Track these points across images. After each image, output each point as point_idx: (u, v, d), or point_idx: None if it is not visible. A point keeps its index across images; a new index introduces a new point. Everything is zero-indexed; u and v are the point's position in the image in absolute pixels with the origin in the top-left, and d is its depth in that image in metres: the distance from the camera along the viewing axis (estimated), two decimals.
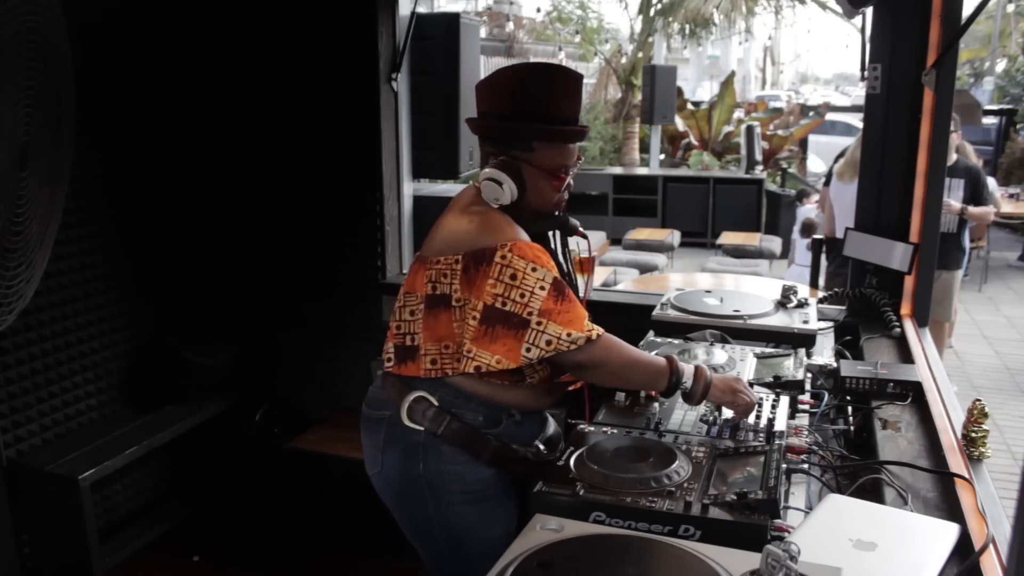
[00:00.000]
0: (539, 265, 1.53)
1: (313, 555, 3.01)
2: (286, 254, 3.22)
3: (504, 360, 1.51)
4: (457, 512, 1.64)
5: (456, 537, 1.66)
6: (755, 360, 1.96)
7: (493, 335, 1.51)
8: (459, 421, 1.61)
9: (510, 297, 1.51)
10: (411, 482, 1.64)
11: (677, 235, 8.31)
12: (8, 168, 1.97)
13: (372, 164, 3.01)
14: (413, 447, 1.62)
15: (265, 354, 3.33)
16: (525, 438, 1.68)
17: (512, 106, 1.63)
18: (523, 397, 1.66)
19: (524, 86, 1.65)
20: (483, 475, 1.64)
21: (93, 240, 2.82)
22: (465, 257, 1.56)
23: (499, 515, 1.66)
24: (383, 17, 2.91)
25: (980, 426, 1.58)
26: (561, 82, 1.65)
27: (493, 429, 1.64)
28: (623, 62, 13.51)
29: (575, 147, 1.69)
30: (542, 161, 1.63)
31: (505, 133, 1.64)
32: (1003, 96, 15.94)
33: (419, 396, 1.61)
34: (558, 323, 1.50)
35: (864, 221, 2.52)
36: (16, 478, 2.55)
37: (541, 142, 1.63)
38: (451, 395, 1.62)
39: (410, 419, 1.61)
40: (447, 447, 1.61)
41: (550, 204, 1.69)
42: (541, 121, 1.62)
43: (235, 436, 3.21)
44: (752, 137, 9.78)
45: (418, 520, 1.68)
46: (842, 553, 1.19)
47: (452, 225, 1.64)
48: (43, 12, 1.97)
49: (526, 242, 1.57)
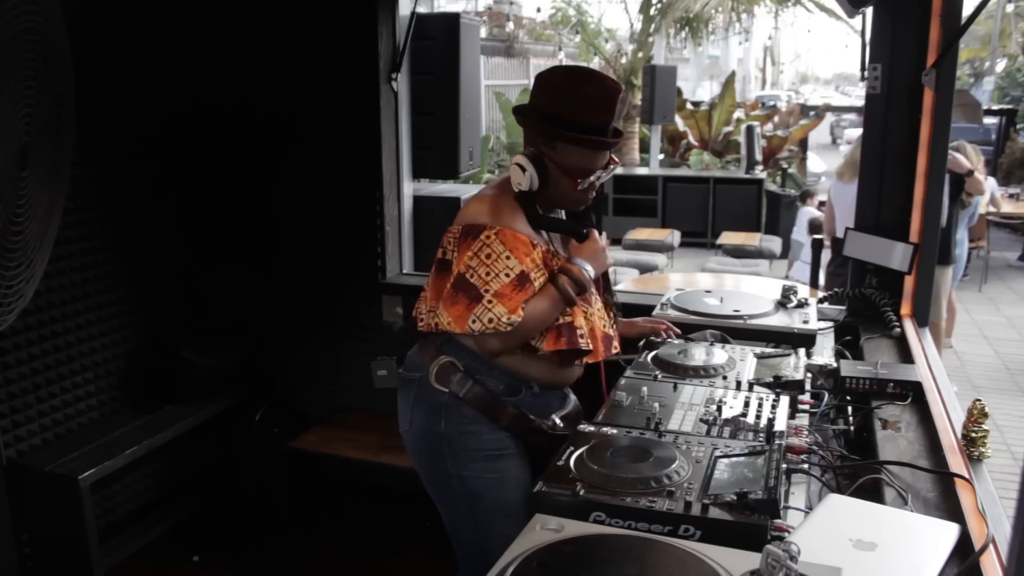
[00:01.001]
0: (513, 255, 1.66)
1: (313, 555, 3.01)
2: (286, 254, 3.22)
3: (453, 324, 1.65)
4: (473, 469, 1.76)
5: (472, 493, 1.78)
6: (755, 360, 1.96)
7: (455, 299, 1.65)
8: (481, 386, 1.75)
9: (478, 272, 1.64)
10: (434, 439, 1.78)
11: (677, 235, 8.31)
12: (8, 168, 1.97)
13: (372, 164, 3.01)
14: (437, 407, 1.77)
15: (265, 354, 3.33)
16: (542, 410, 1.81)
17: (546, 104, 1.74)
18: (542, 370, 1.79)
19: (557, 88, 1.74)
20: (499, 436, 1.77)
21: (93, 240, 2.82)
22: (463, 228, 1.72)
23: (513, 477, 1.77)
24: (383, 17, 2.91)
25: (980, 426, 1.58)
26: (592, 90, 1.73)
27: (512, 397, 1.77)
28: (623, 62, 13.51)
29: (601, 154, 1.76)
30: (563, 161, 1.73)
31: (536, 127, 1.76)
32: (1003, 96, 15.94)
33: (447, 361, 1.76)
34: (505, 307, 1.62)
35: (864, 221, 2.52)
36: (16, 478, 2.55)
37: (564, 143, 1.72)
38: (476, 362, 1.76)
39: (437, 381, 1.76)
40: (468, 409, 1.75)
41: (569, 202, 1.80)
42: (564, 125, 1.71)
43: (235, 436, 3.21)
44: (752, 137, 9.78)
45: (439, 476, 1.81)
46: (842, 553, 1.19)
47: (472, 200, 1.80)
48: (43, 12, 1.97)
49: (513, 231, 1.68)
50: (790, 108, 14.30)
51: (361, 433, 3.06)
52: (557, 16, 14.86)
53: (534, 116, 1.76)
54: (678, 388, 1.78)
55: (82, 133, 2.32)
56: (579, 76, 1.76)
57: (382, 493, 3.14)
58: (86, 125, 2.41)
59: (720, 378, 1.85)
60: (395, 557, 2.94)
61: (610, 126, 1.75)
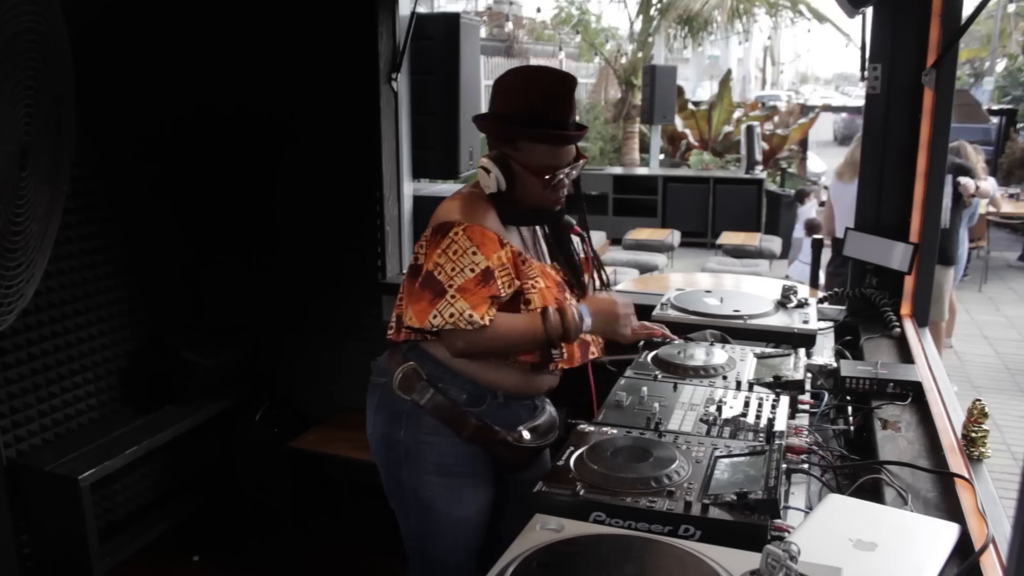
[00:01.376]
0: (479, 251, 1.62)
1: (313, 555, 3.01)
2: (286, 254, 3.22)
3: (414, 319, 1.62)
4: (428, 482, 1.74)
5: (424, 505, 1.76)
6: (755, 360, 1.96)
7: (420, 296, 1.62)
8: (443, 396, 1.71)
9: (444, 268, 1.61)
10: (392, 446, 1.76)
11: (677, 235, 8.31)
12: (8, 168, 1.96)
13: (372, 164, 3.01)
14: (398, 414, 1.74)
15: (265, 354, 3.33)
16: (509, 421, 1.76)
17: (504, 107, 1.72)
18: (508, 379, 1.74)
19: (513, 89, 1.72)
20: (459, 452, 1.73)
21: (93, 240, 2.82)
22: (433, 229, 1.68)
23: (468, 495, 1.74)
24: (383, 17, 2.91)
25: (980, 426, 1.58)
26: (546, 85, 1.70)
27: (476, 408, 1.72)
28: (623, 62, 13.51)
29: (565, 150, 1.72)
30: (528, 160, 1.70)
31: (496, 131, 1.74)
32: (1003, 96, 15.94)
33: (411, 368, 1.73)
34: (468, 302, 1.58)
35: (864, 221, 2.52)
36: (16, 478, 2.55)
37: (526, 142, 1.69)
38: (439, 370, 1.72)
39: (400, 388, 1.73)
40: (429, 419, 1.71)
41: (539, 201, 1.75)
42: (525, 123, 1.68)
43: (235, 436, 3.21)
44: (752, 137, 9.78)
45: (395, 483, 1.80)
46: (842, 553, 1.19)
47: (444, 201, 1.76)
48: (43, 12, 1.97)
49: (481, 228, 1.65)
50: (790, 108, 14.31)
51: (361, 433, 3.00)
52: (560, 15, 14.86)
53: (493, 120, 1.74)
54: (678, 388, 1.78)
55: (82, 133, 2.32)
56: (532, 74, 1.74)
57: (382, 493, 3.12)
58: (86, 125, 2.41)
59: (720, 378, 1.85)
60: (395, 557, 2.91)
61: (570, 120, 1.71)
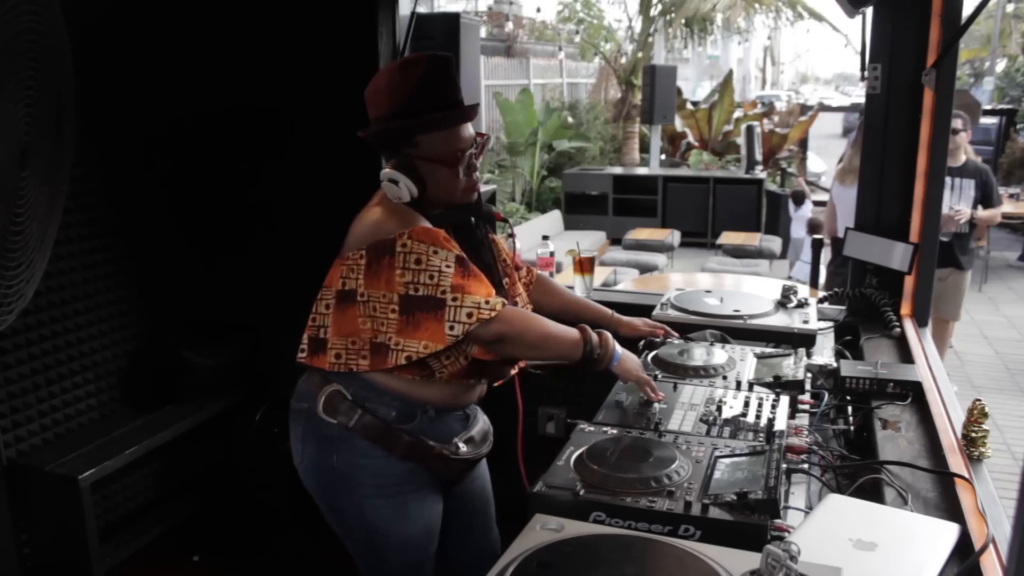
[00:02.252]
0: (439, 247, 1.55)
1: (313, 555, 3.00)
2: (286, 254, 3.21)
3: (431, 344, 1.52)
4: (371, 505, 1.68)
5: (370, 529, 1.70)
6: (755, 360, 1.96)
7: (415, 322, 1.53)
8: (371, 415, 1.63)
9: (420, 282, 1.52)
10: (327, 473, 1.69)
11: (677, 235, 8.31)
12: (8, 168, 1.96)
13: (372, 164, 3.00)
14: (328, 439, 1.66)
15: (265, 354, 3.33)
16: (443, 434, 1.70)
17: (387, 108, 1.65)
18: (437, 393, 1.67)
19: (392, 86, 1.65)
20: (397, 469, 1.66)
21: (93, 240, 2.82)
22: (368, 251, 1.58)
23: (414, 510, 1.69)
24: (383, 17, 2.91)
25: (980, 426, 1.58)
26: (426, 71, 1.63)
27: (406, 424, 1.66)
28: (623, 62, 13.51)
29: (465, 128, 1.66)
30: (431, 152, 1.63)
31: (388, 135, 1.67)
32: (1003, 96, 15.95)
33: (334, 390, 1.65)
34: (473, 293, 1.52)
35: (864, 221, 2.52)
36: (16, 478, 2.55)
37: (423, 135, 1.63)
38: (364, 389, 1.64)
39: (325, 412, 1.65)
40: (360, 440, 1.64)
41: (457, 192, 1.69)
42: (415, 114, 1.62)
43: (235, 436, 3.21)
44: (752, 137, 9.79)
45: (335, 511, 1.73)
46: (842, 553, 1.19)
47: (359, 221, 1.65)
48: (43, 12, 1.97)
49: (424, 227, 1.57)
50: (790, 108, 14.32)
51: None
52: (564, 13, 14.86)
53: (381, 126, 1.66)
54: (678, 388, 1.78)
55: (82, 133, 2.32)
56: (404, 65, 1.67)
57: None
58: (86, 125, 2.40)
59: (720, 378, 1.85)
60: None
61: (458, 98, 1.66)
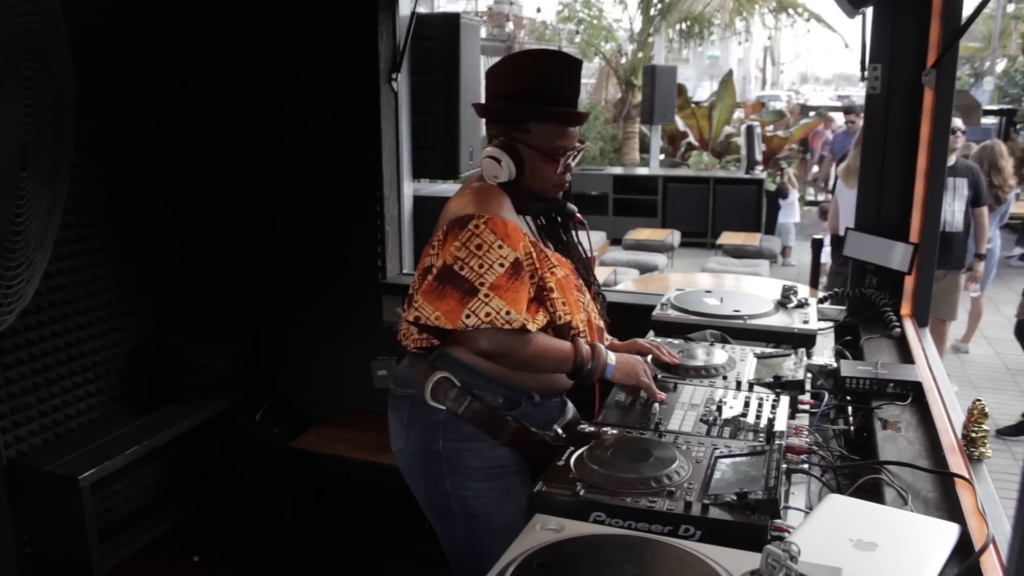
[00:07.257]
0: (506, 243, 1.57)
1: (313, 555, 3.01)
2: (286, 254, 3.22)
3: (443, 319, 1.54)
4: (473, 488, 1.70)
5: (470, 513, 1.71)
6: (755, 360, 1.96)
7: (442, 293, 1.55)
8: (480, 402, 1.67)
9: (468, 264, 1.55)
10: (431, 458, 1.70)
11: (677, 235, 8.31)
12: (8, 168, 1.97)
13: (372, 164, 3.01)
14: (434, 424, 1.69)
15: (265, 354, 3.33)
16: (544, 421, 1.74)
17: (510, 89, 1.69)
18: (537, 380, 1.72)
19: (521, 70, 1.71)
20: (500, 453, 1.70)
21: (93, 240, 2.82)
22: (449, 224, 1.62)
23: (515, 493, 1.71)
24: (383, 17, 2.91)
25: (980, 426, 1.58)
26: (557, 66, 1.70)
27: (512, 411, 1.70)
28: (623, 62, 13.51)
29: (573, 130, 1.73)
30: (539, 142, 1.68)
31: (503, 114, 1.71)
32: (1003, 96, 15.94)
33: (443, 377, 1.68)
34: (503, 299, 1.54)
35: (864, 221, 2.52)
36: (16, 478, 2.55)
37: (536, 123, 1.68)
38: (472, 376, 1.68)
39: (433, 398, 1.68)
40: (467, 426, 1.67)
41: (548, 185, 1.74)
42: (535, 103, 1.67)
43: (235, 436, 3.21)
44: (752, 137, 9.79)
45: (437, 496, 1.74)
46: (842, 553, 1.19)
47: (452, 202, 1.70)
48: (43, 12, 1.97)
49: (503, 219, 1.61)
50: (790, 108, 14.31)
51: (361, 433, 3.06)
52: (564, 13, 14.85)
53: (500, 103, 1.71)
54: (678, 388, 1.78)
55: (82, 133, 2.32)
56: (541, 54, 1.74)
57: (382, 493, 3.13)
58: (86, 125, 2.40)
59: (720, 378, 1.85)
60: (395, 557, 2.94)
61: (576, 101, 1.72)
